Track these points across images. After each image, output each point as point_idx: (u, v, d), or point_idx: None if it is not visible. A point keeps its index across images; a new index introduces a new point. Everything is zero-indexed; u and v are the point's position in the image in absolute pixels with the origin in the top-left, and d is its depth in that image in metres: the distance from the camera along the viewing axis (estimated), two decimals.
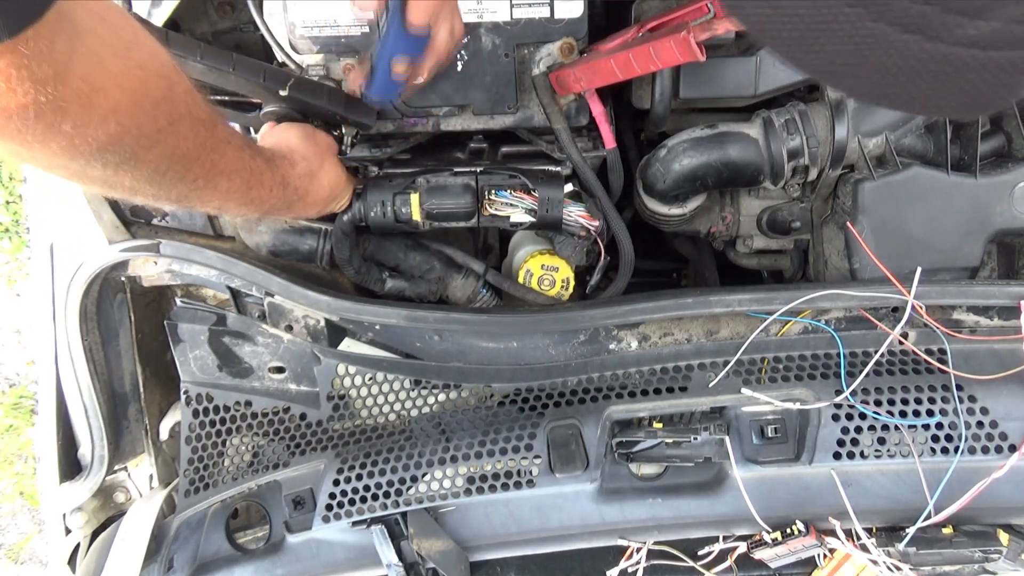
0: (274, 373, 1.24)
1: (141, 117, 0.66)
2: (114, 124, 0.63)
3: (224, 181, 0.83)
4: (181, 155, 0.74)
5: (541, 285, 1.24)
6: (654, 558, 1.14)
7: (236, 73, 1.05)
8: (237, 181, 0.85)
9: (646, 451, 1.14)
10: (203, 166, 0.79)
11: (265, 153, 0.93)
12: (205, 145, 0.77)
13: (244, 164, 0.86)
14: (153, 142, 0.69)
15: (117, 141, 0.65)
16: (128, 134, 0.65)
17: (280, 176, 0.95)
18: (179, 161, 0.75)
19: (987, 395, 1.11)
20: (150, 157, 0.70)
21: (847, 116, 1.17)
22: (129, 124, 0.65)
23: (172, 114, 0.70)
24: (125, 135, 0.65)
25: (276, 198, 0.95)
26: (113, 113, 0.63)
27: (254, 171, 0.88)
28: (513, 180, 1.15)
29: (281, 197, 0.96)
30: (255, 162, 0.89)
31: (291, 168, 0.98)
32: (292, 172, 0.98)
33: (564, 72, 1.11)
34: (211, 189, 0.83)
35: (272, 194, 0.94)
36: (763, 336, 1.15)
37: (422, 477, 1.13)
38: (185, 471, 1.22)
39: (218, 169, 0.81)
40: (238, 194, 0.87)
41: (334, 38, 1.12)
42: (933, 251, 1.19)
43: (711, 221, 1.41)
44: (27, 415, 2.93)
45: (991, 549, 1.08)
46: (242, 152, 0.85)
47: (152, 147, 0.69)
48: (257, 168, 0.89)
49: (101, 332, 1.24)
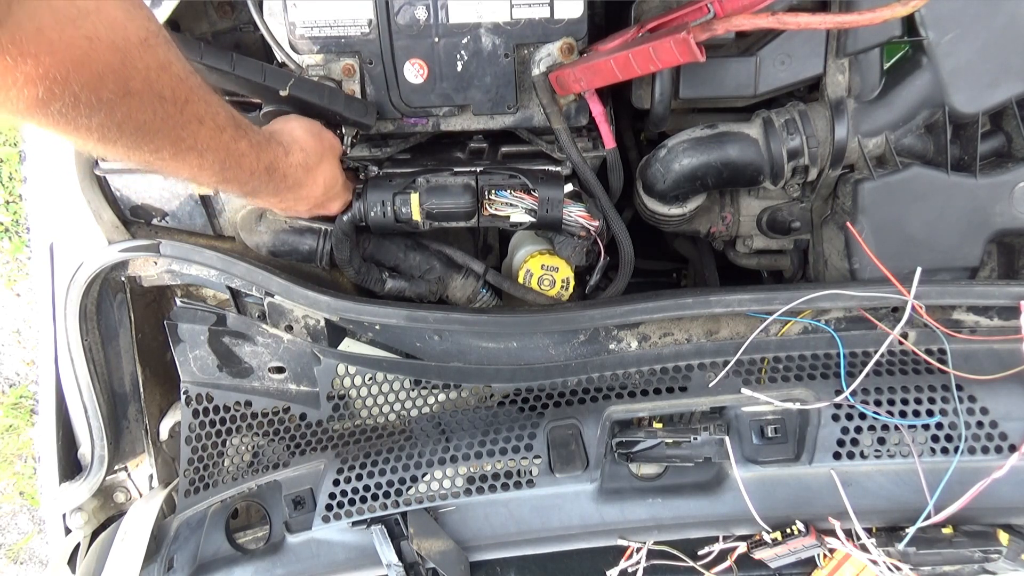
0: (274, 373, 1.24)
1: (78, 87, 0.67)
2: (42, 90, 0.64)
3: (194, 157, 0.85)
4: (136, 127, 0.75)
5: (541, 285, 1.24)
6: (654, 558, 1.14)
7: (236, 73, 1.05)
8: (210, 158, 0.86)
9: (646, 451, 1.14)
10: (166, 139, 0.80)
11: (254, 136, 0.93)
12: (169, 121, 0.78)
13: (221, 144, 0.87)
14: (93, 111, 0.70)
15: (44, 105, 0.66)
16: (58, 100, 0.66)
17: (267, 161, 0.96)
18: (134, 132, 0.76)
19: (987, 395, 1.10)
20: (91, 124, 0.71)
21: (847, 116, 1.17)
22: (61, 92, 0.66)
23: (122, 88, 0.71)
24: (54, 101, 0.66)
25: (259, 182, 0.96)
26: (42, 79, 0.64)
27: (232, 152, 0.89)
28: (513, 180, 1.15)
29: (265, 182, 0.97)
30: (237, 144, 0.89)
31: (284, 156, 0.99)
32: (284, 160, 0.99)
33: (564, 72, 1.11)
34: (179, 162, 0.84)
35: (254, 177, 0.94)
36: (763, 336, 1.15)
37: (422, 477, 1.13)
38: (185, 471, 1.22)
39: (186, 145, 0.82)
40: (210, 171, 0.88)
41: (334, 38, 1.12)
42: (933, 251, 1.19)
43: (711, 221, 1.41)
44: (27, 415, 2.93)
45: (991, 549, 1.08)
46: (220, 132, 0.86)
47: (92, 115, 0.70)
48: (237, 150, 0.90)
49: (101, 332, 1.24)
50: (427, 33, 1.12)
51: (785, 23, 0.88)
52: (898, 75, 1.18)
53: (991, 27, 1.11)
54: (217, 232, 1.25)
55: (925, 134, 1.22)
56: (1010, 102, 1.17)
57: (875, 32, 1.12)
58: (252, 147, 0.92)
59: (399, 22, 1.11)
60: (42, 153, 1.17)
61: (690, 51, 0.94)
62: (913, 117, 1.19)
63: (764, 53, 1.16)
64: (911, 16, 1.12)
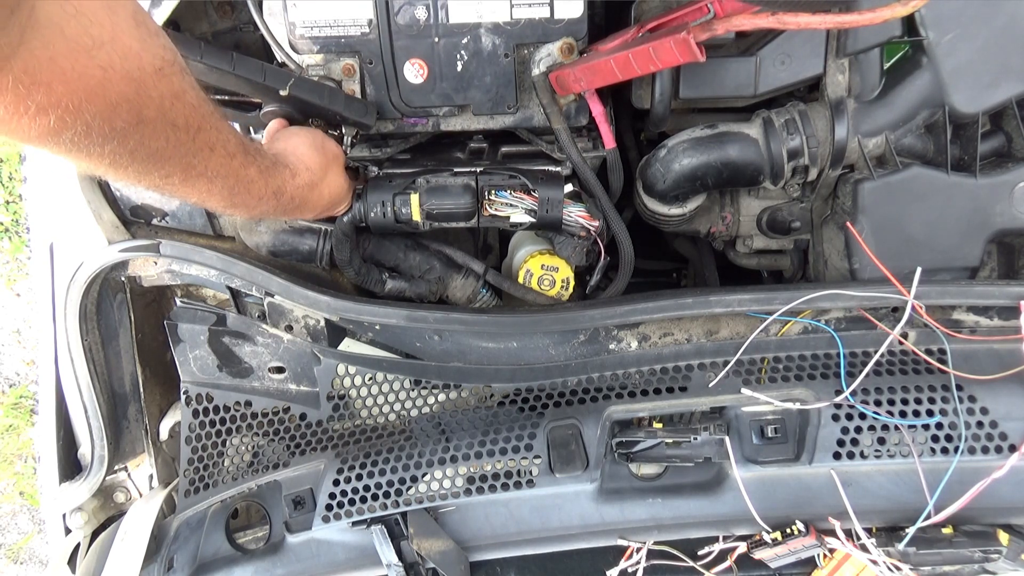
0: (274, 373, 1.24)
1: (91, 116, 0.66)
2: (54, 119, 0.64)
3: (203, 183, 0.85)
4: (148, 154, 0.75)
5: (541, 285, 1.24)
6: (654, 558, 1.14)
7: (236, 73, 1.05)
8: (219, 185, 0.86)
9: (646, 451, 1.14)
10: (177, 166, 0.80)
11: (263, 162, 0.93)
12: (181, 148, 0.78)
13: (231, 171, 0.87)
14: (106, 139, 0.70)
15: (56, 134, 0.66)
16: (70, 129, 0.66)
17: (275, 186, 0.95)
18: (145, 159, 0.75)
19: (987, 395, 1.10)
20: (103, 152, 0.71)
21: (847, 116, 1.17)
22: (73, 121, 0.65)
23: (135, 117, 0.71)
24: (66, 130, 0.66)
25: (267, 206, 0.96)
26: (54, 108, 0.63)
27: (241, 179, 0.89)
28: (513, 180, 1.15)
29: (274, 205, 0.97)
30: (246, 171, 0.89)
31: (291, 178, 0.99)
32: (291, 182, 0.99)
33: (564, 72, 1.11)
34: (188, 187, 0.84)
35: (262, 202, 0.94)
36: (763, 336, 1.15)
37: (422, 477, 1.13)
38: (185, 471, 1.22)
39: (196, 172, 0.82)
40: (219, 197, 0.88)
41: (334, 38, 1.12)
42: (933, 251, 1.19)
43: (711, 221, 1.41)
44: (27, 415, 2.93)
45: (991, 549, 1.08)
46: (230, 160, 0.86)
47: (105, 144, 0.70)
48: (247, 177, 0.89)
49: (101, 332, 1.24)
50: (427, 33, 1.12)
51: (785, 23, 0.88)
52: (898, 75, 1.18)
53: (991, 27, 1.11)
54: (217, 232, 1.25)
55: (925, 134, 1.22)
56: (1010, 102, 1.17)
57: (875, 32, 1.12)
58: (261, 173, 0.92)
59: (399, 22, 1.11)
60: (42, 153, 1.17)
61: (690, 51, 0.94)
62: (913, 117, 1.19)
63: (764, 53, 1.16)
64: (911, 16, 1.12)
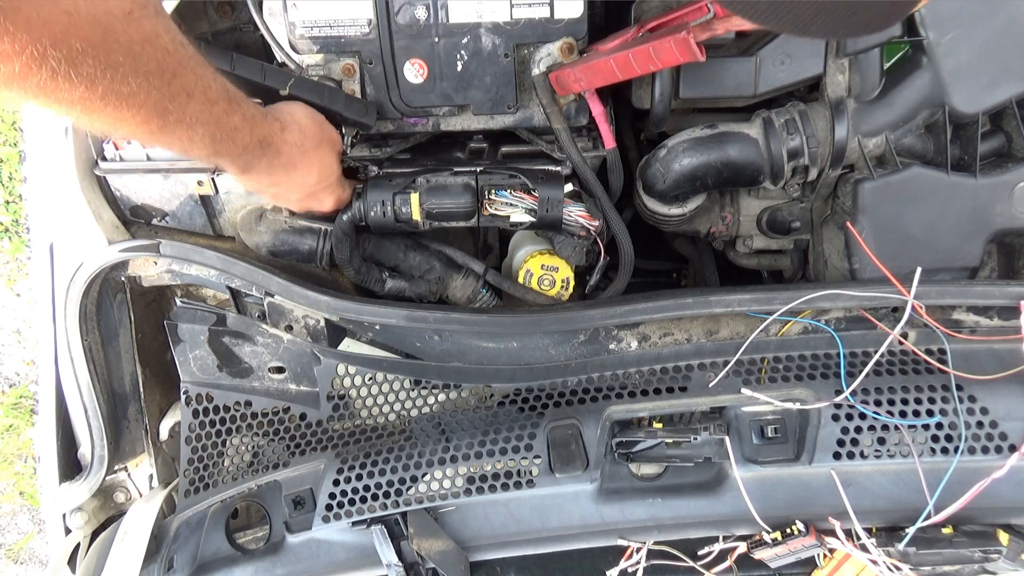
0: (274, 373, 1.24)
1: (56, 62, 0.67)
2: (19, 65, 0.65)
3: (183, 130, 0.84)
4: (120, 100, 0.75)
5: (541, 285, 1.24)
6: (654, 558, 1.14)
7: (236, 73, 1.05)
8: (200, 132, 0.86)
9: (646, 451, 1.14)
10: (152, 112, 0.79)
11: (248, 110, 0.92)
12: (154, 94, 0.78)
13: (212, 118, 0.86)
14: (73, 85, 0.70)
15: (22, 79, 0.66)
16: (35, 75, 0.67)
17: (261, 135, 0.95)
18: (118, 105, 0.75)
19: (987, 395, 1.10)
20: (72, 98, 0.71)
21: (847, 116, 1.17)
22: (39, 67, 0.66)
23: (103, 62, 0.71)
24: (32, 76, 0.66)
25: (252, 156, 0.95)
26: (18, 55, 0.64)
27: (223, 126, 0.88)
28: (513, 180, 1.15)
29: (259, 156, 0.96)
30: (229, 118, 0.89)
31: (280, 131, 0.98)
32: (279, 135, 0.98)
33: (564, 72, 1.11)
34: (167, 135, 0.84)
35: (247, 152, 0.94)
36: (763, 336, 1.15)
37: (422, 477, 1.13)
38: (185, 471, 1.22)
39: (173, 118, 0.82)
40: (201, 145, 0.88)
41: (334, 38, 1.12)
42: (933, 251, 1.19)
43: (711, 221, 1.41)
44: (27, 415, 2.93)
45: (991, 549, 1.08)
46: (211, 106, 0.85)
47: (73, 89, 0.70)
48: (230, 124, 0.89)
49: (101, 332, 1.24)
50: (427, 33, 1.12)
51: None
52: (898, 75, 1.18)
53: (991, 27, 1.11)
54: (217, 232, 1.25)
55: (925, 134, 1.22)
56: (1010, 102, 1.16)
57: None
58: (246, 120, 0.91)
59: (399, 22, 1.11)
60: (42, 153, 1.17)
61: (690, 51, 0.94)
62: (913, 117, 1.19)
63: (764, 53, 1.16)
64: (911, 16, 1.12)
